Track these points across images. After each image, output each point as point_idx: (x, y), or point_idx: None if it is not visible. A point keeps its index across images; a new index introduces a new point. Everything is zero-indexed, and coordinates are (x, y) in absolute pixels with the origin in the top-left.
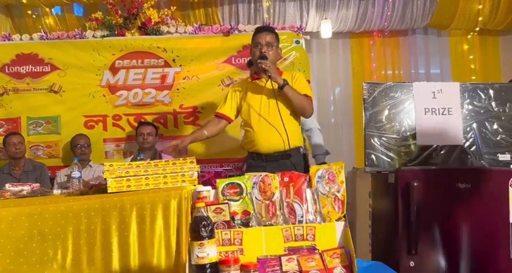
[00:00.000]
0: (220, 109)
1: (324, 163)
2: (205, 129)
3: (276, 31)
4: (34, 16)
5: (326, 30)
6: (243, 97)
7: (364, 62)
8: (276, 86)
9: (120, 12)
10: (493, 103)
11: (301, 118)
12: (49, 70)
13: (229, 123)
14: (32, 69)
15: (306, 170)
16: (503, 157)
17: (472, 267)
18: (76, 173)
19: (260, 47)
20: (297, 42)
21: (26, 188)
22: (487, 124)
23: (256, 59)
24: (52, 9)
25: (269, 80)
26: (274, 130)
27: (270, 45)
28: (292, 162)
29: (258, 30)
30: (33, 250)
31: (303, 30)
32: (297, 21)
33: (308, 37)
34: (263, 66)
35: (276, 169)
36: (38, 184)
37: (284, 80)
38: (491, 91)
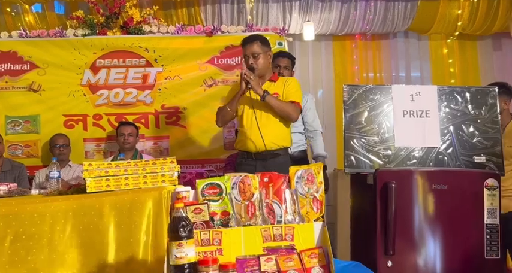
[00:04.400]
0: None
1: (325, 166)
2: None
3: (259, 32)
4: (13, 13)
5: (309, 32)
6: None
7: (346, 65)
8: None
9: (101, 10)
10: (470, 106)
11: (304, 119)
12: (28, 68)
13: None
14: (10, 67)
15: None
16: (479, 159)
17: (448, 267)
18: (54, 173)
19: (247, 59)
20: (280, 43)
21: (3, 188)
22: (463, 126)
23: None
24: (32, 7)
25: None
26: (262, 131)
27: (256, 54)
28: (280, 161)
29: (244, 42)
30: (4, 250)
31: (286, 32)
32: (280, 23)
33: (291, 39)
34: (245, 78)
35: (264, 167)
36: (15, 184)
37: (265, 91)
38: (467, 95)
